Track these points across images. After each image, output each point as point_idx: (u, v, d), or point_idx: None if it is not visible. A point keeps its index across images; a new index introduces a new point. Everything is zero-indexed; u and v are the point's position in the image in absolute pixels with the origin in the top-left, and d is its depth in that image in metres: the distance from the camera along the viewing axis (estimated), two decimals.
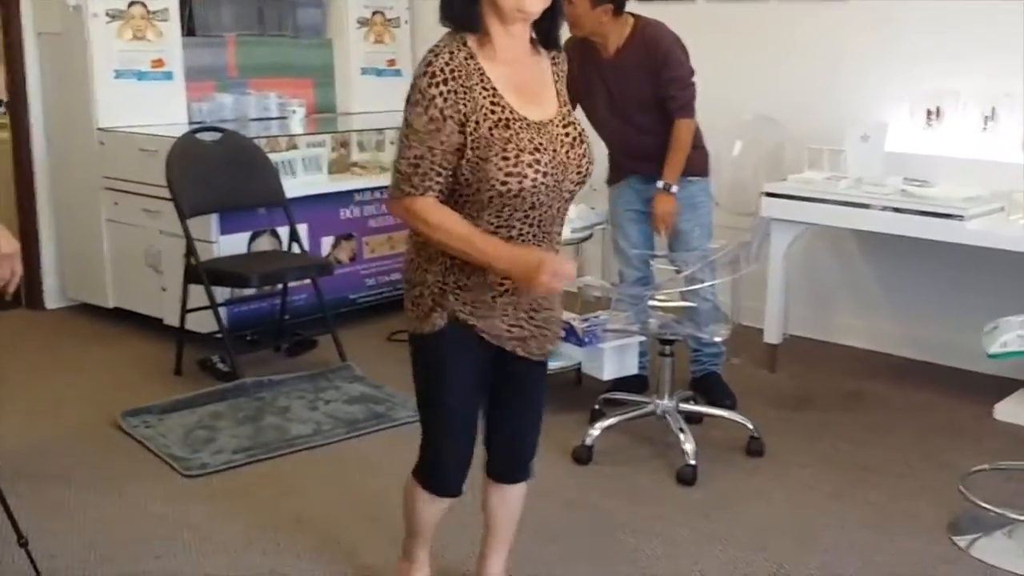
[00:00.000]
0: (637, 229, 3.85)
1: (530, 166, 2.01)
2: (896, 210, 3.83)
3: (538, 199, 2.06)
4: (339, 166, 5.13)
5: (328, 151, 5.04)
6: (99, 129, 4.79)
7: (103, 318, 5.03)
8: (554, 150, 2.06)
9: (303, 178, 4.78)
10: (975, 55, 4.11)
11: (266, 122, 5.29)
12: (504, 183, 2.00)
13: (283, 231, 4.59)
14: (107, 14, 4.72)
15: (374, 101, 5.83)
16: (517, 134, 2.01)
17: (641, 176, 3.80)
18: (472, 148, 2.01)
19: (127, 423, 3.73)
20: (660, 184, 3.68)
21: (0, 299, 2.79)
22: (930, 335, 4.40)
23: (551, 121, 2.09)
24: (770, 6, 4.67)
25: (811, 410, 3.94)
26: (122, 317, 4.96)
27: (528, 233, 2.10)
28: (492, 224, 2.07)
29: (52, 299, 5.23)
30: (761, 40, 4.62)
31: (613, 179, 3.92)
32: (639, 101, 3.69)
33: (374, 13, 5.82)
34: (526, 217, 2.08)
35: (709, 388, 3.96)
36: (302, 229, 4.62)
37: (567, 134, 2.10)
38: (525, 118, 2.04)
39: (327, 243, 4.92)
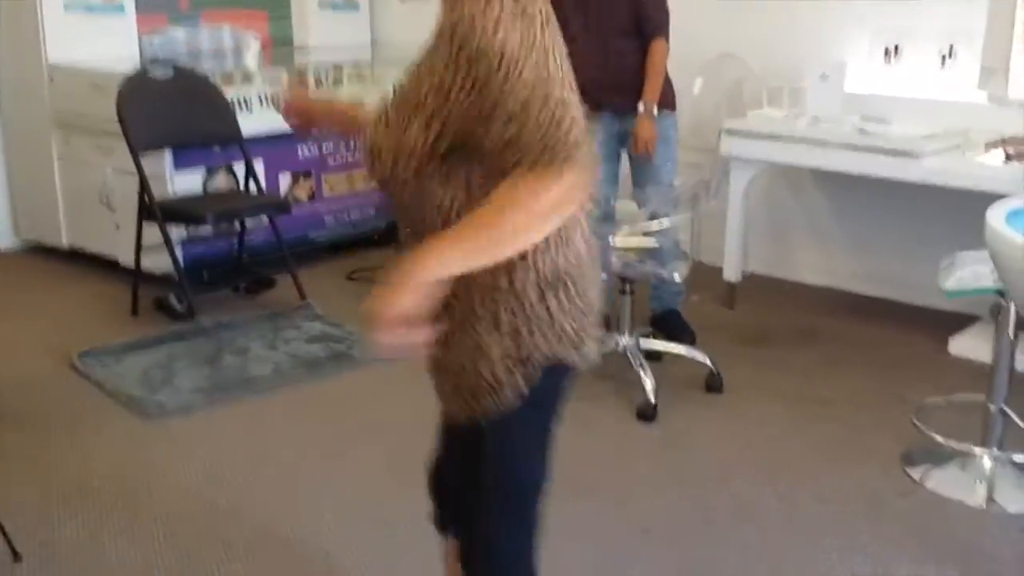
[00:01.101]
0: (605, 167, 3.83)
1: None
2: (853, 148, 3.84)
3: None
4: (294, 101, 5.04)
5: (283, 86, 4.95)
6: (49, 64, 4.66)
7: (57, 259, 4.95)
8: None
9: (259, 114, 4.69)
10: None
11: (220, 56, 5.18)
12: None
13: (239, 168, 4.52)
14: None
15: (332, 35, 5.73)
16: None
17: (614, 110, 3.78)
18: None
19: (83, 363, 3.69)
20: (641, 107, 3.69)
21: None
22: (887, 271, 4.45)
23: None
24: None
25: (769, 346, 3.99)
26: (77, 258, 4.88)
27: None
28: None
29: (4, 239, 5.14)
30: None
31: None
32: (617, 23, 3.68)
33: None
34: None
35: (669, 325, 3.99)
36: (259, 167, 4.55)
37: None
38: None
39: (285, 181, 4.86)
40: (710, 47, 4.37)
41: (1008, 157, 3.56)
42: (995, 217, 2.00)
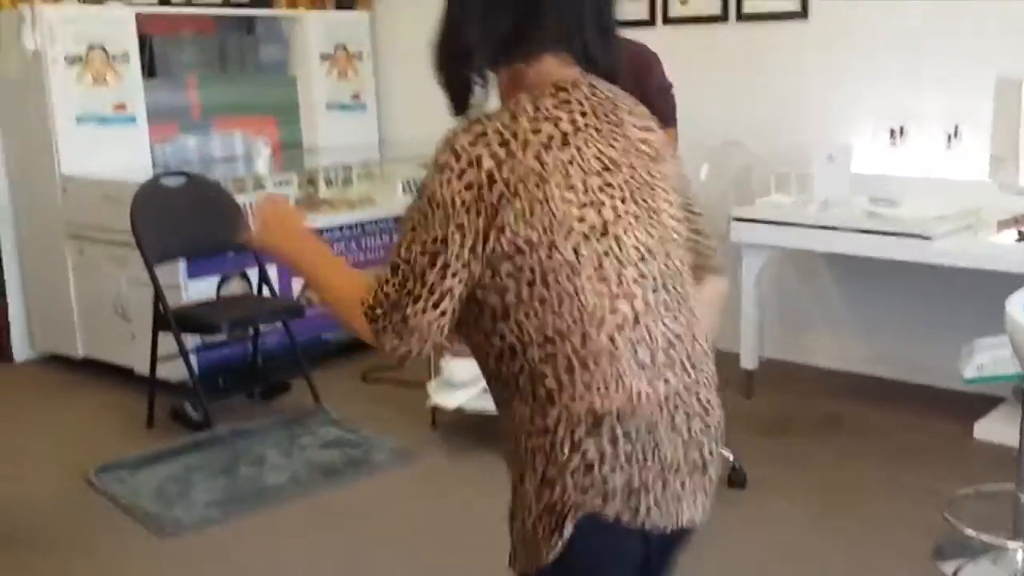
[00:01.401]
0: None
1: None
2: (864, 232, 3.83)
3: None
4: (307, 203, 5.10)
5: (295, 189, 5.01)
6: (62, 175, 4.73)
7: (73, 369, 4.95)
8: None
9: None
10: (937, 74, 4.13)
11: (231, 162, 5.25)
12: None
13: (253, 273, 4.54)
14: (66, 59, 4.67)
15: (340, 135, 5.81)
16: None
17: None
18: None
19: (99, 480, 3.66)
20: None
21: None
22: (905, 354, 4.41)
23: None
24: (730, 28, 4.67)
25: (790, 437, 3.93)
26: (92, 368, 4.88)
27: None
28: None
29: (20, 351, 5.14)
30: (722, 63, 4.63)
31: None
32: None
33: (336, 48, 5.79)
34: None
35: None
36: (272, 270, 4.57)
37: None
38: None
39: (298, 283, 4.87)
40: (715, 134, 4.40)
41: (1021, 236, 3.54)
42: (1015, 307, 1.97)
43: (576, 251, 1.36)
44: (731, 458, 3.51)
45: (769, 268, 4.30)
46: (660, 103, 3.71)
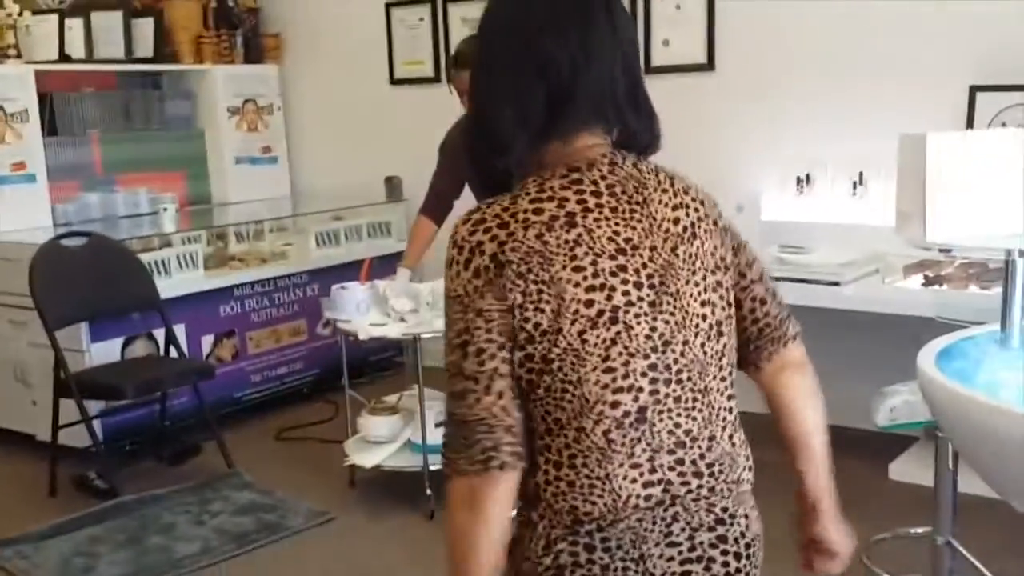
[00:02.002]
0: None
1: None
2: (774, 279, 3.86)
3: None
4: (217, 260, 5.00)
5: (204, 246, 4.90)
6: None
7: None
8: None
9: (178, 276, 4.63)
10: (839, 122, 4.24)
11: (137, 219, 5.13)
12: None
13: (159, 333, 4.41)
14: None
15: (250, 190, 5.73)
16: None
17: None
18: None
19: None
20: None
21: None
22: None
23: None
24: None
25: None
26: None
27: None
28: None
29: None
30: None
31: None
32: None
33: (245, 101, 5.72)
34: None
35: None
36: (180, 330, 4.45)
37: None
38: None
39: (207, 342, 4.76)
40: None
41: (927, 281, 3.63)
42: (926, 361, 2.00)
43: (582, 337, 1.28)
44: None
45: None
46: None
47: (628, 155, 1.40)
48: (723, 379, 1.38)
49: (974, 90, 3.94)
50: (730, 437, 1.39)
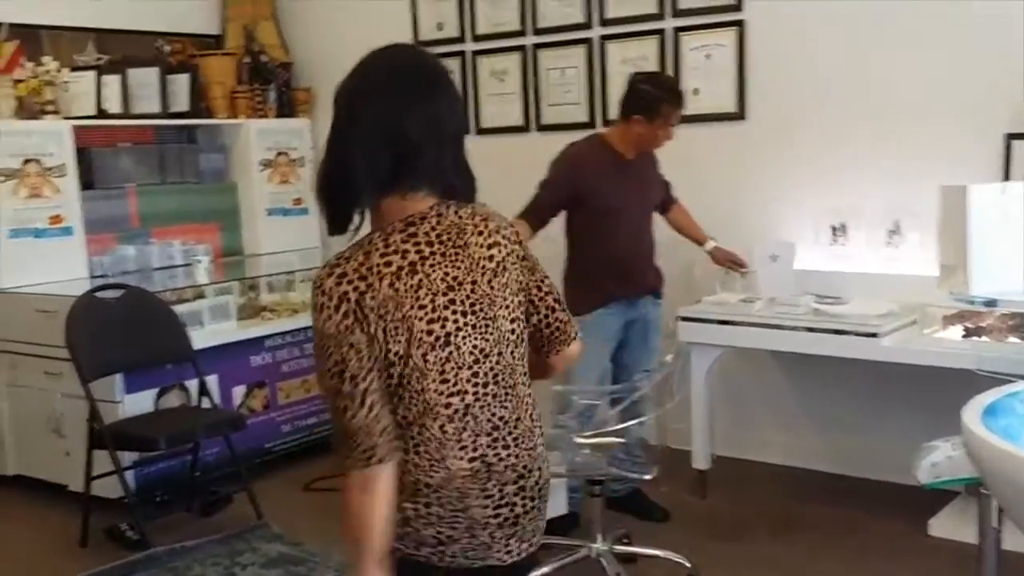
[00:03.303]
0: (603, 362, 3.81)
1: None
2: (811, 330, 3.84)
3: None
4: (249, 311, 5.01)
5: (236, 297, 4.92)
6: None
7: (3, 487, 4.75)
8: None
9: (211, 327, 4.64)
10: (875, 171, 4.21)
11: (171, 271, 5.16)
12: None
13: (192, 384, 4.42)
14: (1, 173, 4.59)
15: (282, 240, 5.77)
16: None
17: (630, 296, 3.88)
18: None
19: None
20: (712, 243, 4.20)
21: None
22: (857, 450, 4.39)
23: None
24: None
25: (747, 540, 3.85)
26: (24, 485, 4.69)
27: None
28: None
29: None
30: (664, 163, 4.69)
31: (586, 307, 3.70)
32: (650, 205, 4.00)
33: (278, 154, 5.78)
34: None
35: (638, 504, 3.93)
36: (212, 380, 4.46)
37: None
38: None
39: (239, 393, 4.76)
40: (657, 232, 4.42)
41: (967, 332, 3.57)
42: (972, 419, 1.95)
43: (424, 358, 1.66)
44: (686, 563, 3.44)
45: (718, 365, 4.28)
46: (667, 181, 4.15)
47: (451, 204, 1.74)
48: (524, 374, 1.79)
49: (1010, 138, 3.91)
50: (530, 417, 1.79)
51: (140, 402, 4.33)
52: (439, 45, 5.32)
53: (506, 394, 1.74)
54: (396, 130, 1.67)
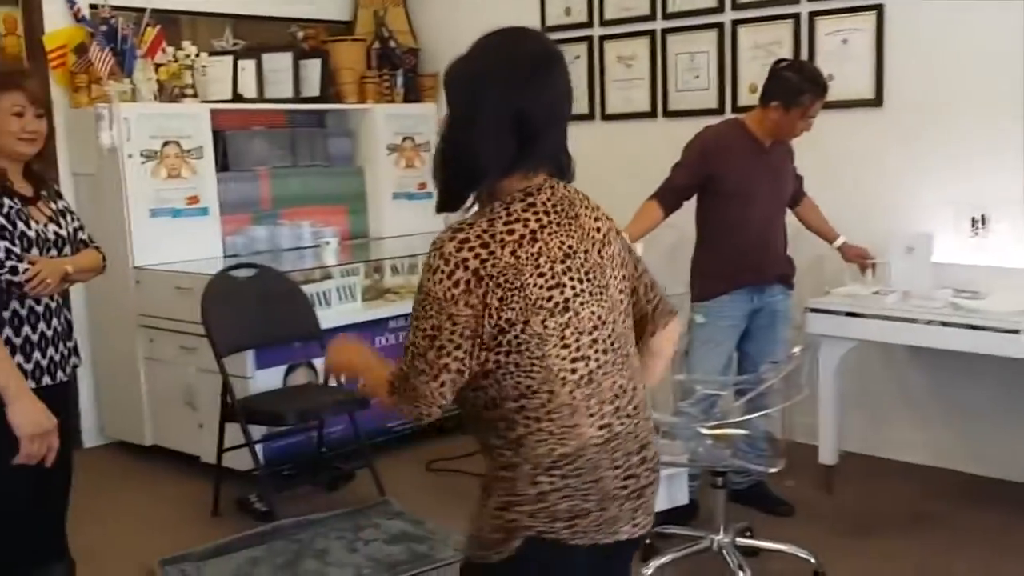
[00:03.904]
0: (725, 349, 3.77)
1: None
2: (947, 324, 3.70)
3: None
4: (373, 292, 5.10)
5: (361, 279, 5.01)
6: (135, 267, 4.79)
7: (140, 456, 4.96)
8: None
9: (337, 307, 4.74)
10: (1019, 160, 4.03)
11: (300, 251, 5.29)
12: None
13: (319, 362, 4.52)
14: (142, 154, 4.77)
15: (407, 224, 5.85)
16: None
17: (755, 285, 3.80)
18: None
19: (165, 573, 3.61)
20: (841, 240, 4.13)
21: None
22: (994, 450, 4.22)
23: None
24: None
25: (875, 536, 3.75)
26: (159, 455, 4.88)
27: None
28: None
29: (90, 437, 5.17)
30: (797, 150, 4.57)
31: (711, 293, 3.76)
32: (784, 197, 3.92)
33: (404, 139, 5.86)
34: None
35: (761, 498, 3.86)
36: None
37: None
38: None
39: None
40: (791, 221, 4.33)
41: None
42: None
43: (544, 324, 1.68)
44: (812, 559, 3.36)
45: (848, 358, 4.17)
46: (797, 179, 4.03)
47: (559, 181, 1.79)
48: (633, 344, 1.84)
49: None
50: (644, 387, 1.85)
51: (270, 378, 4.45)
52: (566, 30, 5.32)
53: (623, 362, 1.78)
54: (521, 114, 1.69)
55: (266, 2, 5.62)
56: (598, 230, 1.79)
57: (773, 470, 3.40)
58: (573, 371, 1.71)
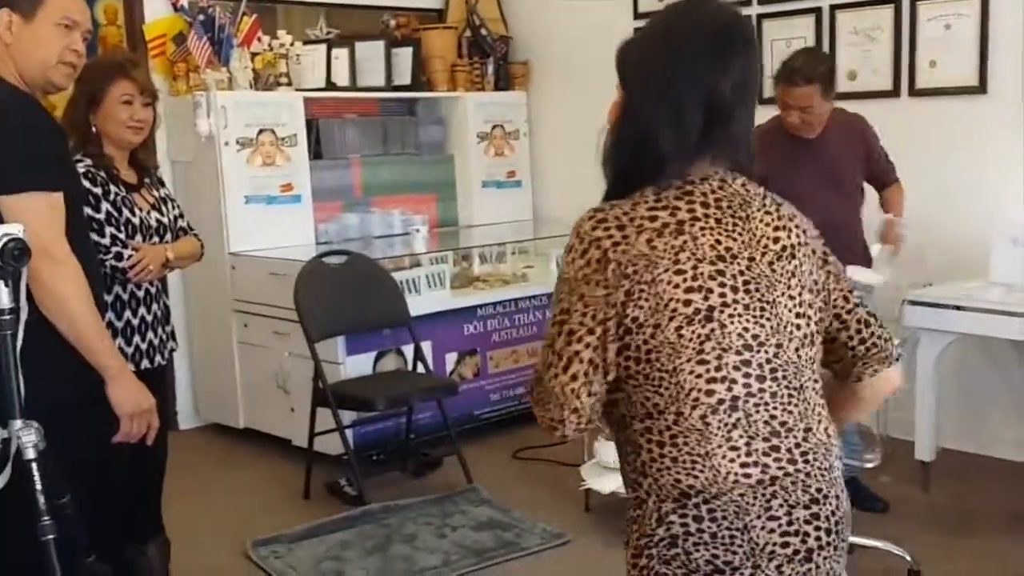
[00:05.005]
0: None
1: None
2: None
3: None
4: (462, 280, 5.13)
5: (450, 267, 5.04)
6: (230, 253, 4.89)
7: (234, 439, 5.07)
8: None
9: (427, 295, 4.77)
10: None
11: (390, 239, 5.34)
12: None
13: (408, 349, 4.57)
14: (238, 142, 4.86)
15: (495, 213, 5.87)
16: None
17: None
18: None
19: (257, 553, 3.69)
20: (888, 216, 3.82)
21: None
22: None
23: None
24: (904, 103, 4.50)
25: (973, 536, 3.64)
26: (252, 438, 4.98)
27: None
28: None
29: (185, 420, 5.30)
30: (895, 139, 4.45)
31: None
32: (842, 181, 3.73)
33: (494, 127, 5.87)
34: None
35: (855, 493, 3.76)
36: (426, 346, 4.59)
37: None
38: None
39: (451, 360, 4.88)
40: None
41: None
42: None
43: (679, 332, 1.45)
44: (907, 557, 3.28)
45: (948, 353, 4.04)
46: (887, 165, 3.85)
47: (738, 176, 1.56)
48: (816, 380, 1.55)
49: None
50: (825, 429, 1.54)
51: (360, 364, 4.51)
52: None
53: (790, 396, 1.50)
54: (712, 92, 1.50)
55: None
56: (776, 240, 1.53)
57: (869, 466, 3.32)
58: (709, 392, 1.45)
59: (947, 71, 4.33)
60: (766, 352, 1.48)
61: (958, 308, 3.80)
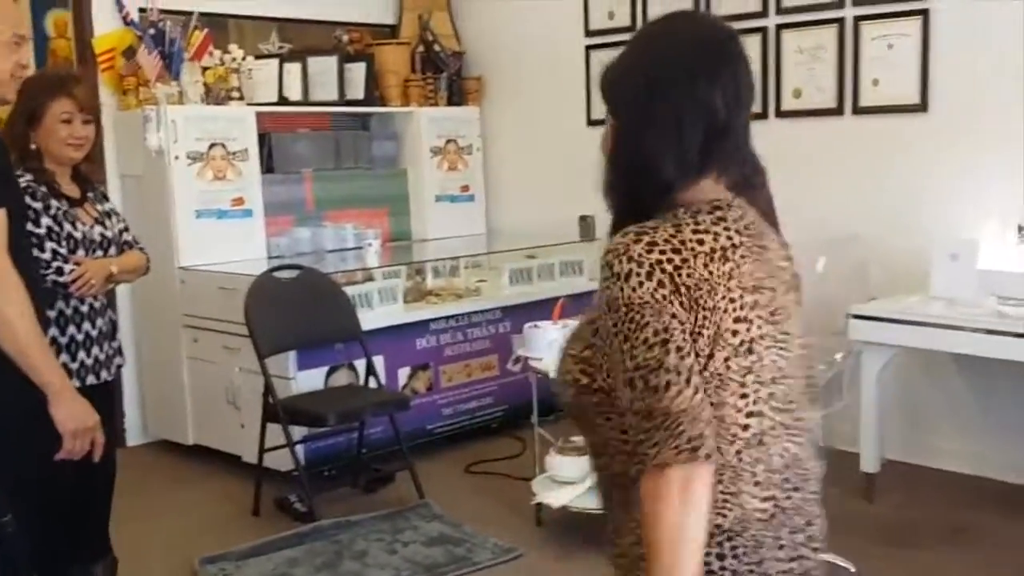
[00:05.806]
0: None
1: None
2: (993, 332, 3.65)
3: None
4: (415, 294, 5.13)
5: (403, 281, 5.05)
6: (180, 268, 4.86)
7: (183, 455, 5.02)
8: None
9: (379, 309, 4.77)
10: None
11: (343, 253, 5.33)
12: None
13: (360, 363, 4.56)
14: (188, 156, 4.83)
15: (449, 227, 5.88)
16: None
17: None
18: None
19: (204, 571, 3.66)
20: None
21: None
22: None
23: None
24: (848, 121, 4.59)
25: (917, 548, 3.71)
26: (201, 454, 4.94)
27: None
28: None
29: (134, 436, 5.24)
30: (839, 157, 4.55)
31: None
32: None
33: (447, 142, 5.89)
34: None
35: None
36: (378, 361, 4.58)
37: None
38: None
39: (403, 374, 4.88)
40: (832, 227, 4.29)
41: None
42: None
43: (727, 364, 1.37)
44: (852, 569, 3.33)
45: (891, 366, 4.12)
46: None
47: (744, 201, 1.49)
48: (807, 411, 1.50)
49: None
50: (813, 458, 1.52)
51: (311, 379, 4.49)
52: (608, 35, 5.30)
53: (798, 428, 1.47)
54: (706, 108, 1.43)
55: (312, 6, 5.68)
56: (784, 269, 1.49)
57: None
58: (745, 427, 1.39)
59: (890, 89, 4.43)
60: (786, 384, 1.44)
61: (900, 322, 3.87)
